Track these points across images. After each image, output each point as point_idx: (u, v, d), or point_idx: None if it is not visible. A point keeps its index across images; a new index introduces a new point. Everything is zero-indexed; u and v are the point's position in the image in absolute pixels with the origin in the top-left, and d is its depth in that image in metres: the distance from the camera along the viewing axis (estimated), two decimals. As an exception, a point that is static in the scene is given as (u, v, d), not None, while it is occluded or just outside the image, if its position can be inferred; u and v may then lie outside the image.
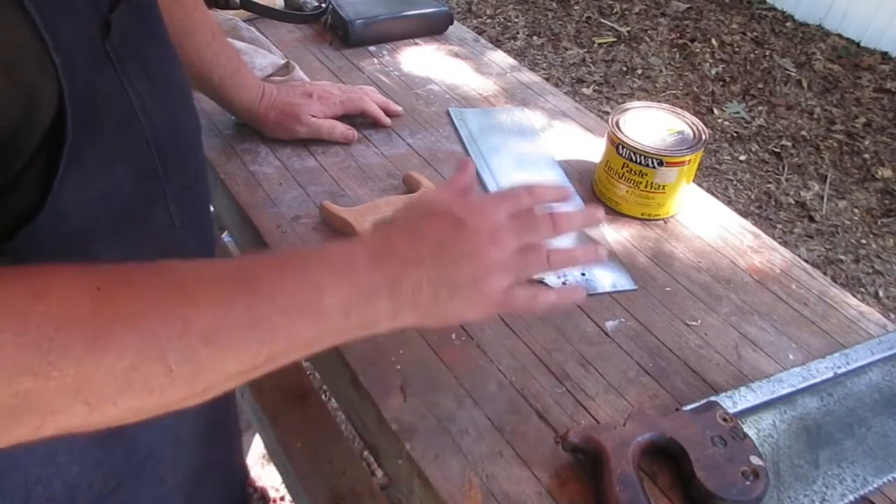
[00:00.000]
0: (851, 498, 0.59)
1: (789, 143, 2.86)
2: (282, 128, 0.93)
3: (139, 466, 0.60)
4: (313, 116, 0.93)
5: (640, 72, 3.24)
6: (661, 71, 3.26)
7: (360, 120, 0.98)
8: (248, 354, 0.43)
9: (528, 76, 1.18)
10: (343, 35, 1.17)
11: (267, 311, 0.43)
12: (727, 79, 3.22)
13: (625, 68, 3.26)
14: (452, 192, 0.55)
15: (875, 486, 0.60)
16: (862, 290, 2.26)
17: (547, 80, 2.01)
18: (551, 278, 0.78)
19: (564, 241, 0.84)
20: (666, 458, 0.60)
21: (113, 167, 0.46)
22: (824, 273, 1.32)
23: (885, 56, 3.39)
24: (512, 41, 3.43)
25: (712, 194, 1.00)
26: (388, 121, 0.99)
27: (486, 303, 0.52)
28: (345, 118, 0.97)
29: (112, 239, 0.47)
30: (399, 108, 1.02)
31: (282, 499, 1.58)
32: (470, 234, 0.51)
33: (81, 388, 0.37)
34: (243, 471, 0.93)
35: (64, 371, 0.36)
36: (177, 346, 0.40)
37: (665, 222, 0.89)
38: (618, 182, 0.87)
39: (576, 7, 3.73)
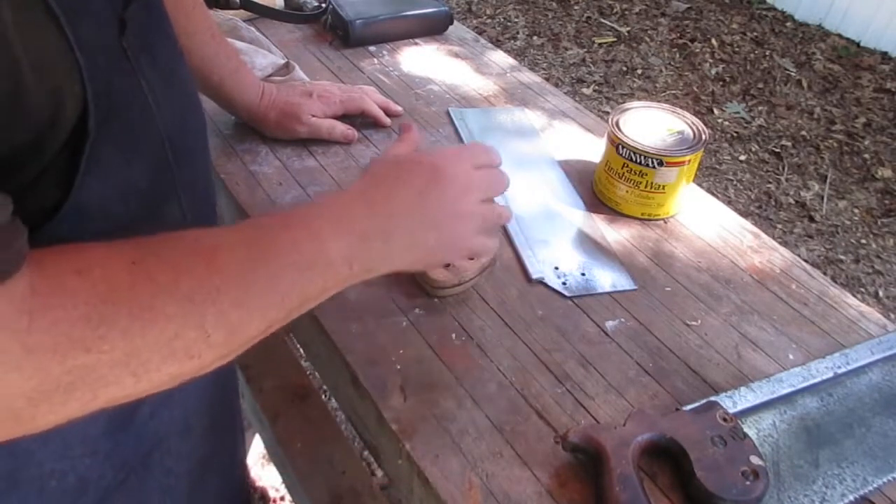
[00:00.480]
0: (851, 498, 0.59)
1: (789, 143, 2.86)
2: (282, 127, 0.93)
3: (147, 456, 0.61)
4: (313, 116, 0.93)
5: (640, 72, 3.24)
6: (661, 71, 3.26)
7: (360, 120, 0.98)
8: (272, 312, 0.46)
9: (528, 76, 1.18)
10: (343, 35, 1.17)
11: (282, 269, 0.47)
12: (727, 79, 3.22)
13: (625, 68, 3.26)
14: (411, 146, 0.64)
15: (875, 486, 0.60)
16: (862, 290, 2.26)
17: (547, 80, 2.01)
18: (551, 278, 0.78)
19: (565, 241, 0.84)
20: (666, 458, 0.60)
21: (131, 162, 0.47)
22: (824, 273, 1.32)
23: (885, 56, 3.39)
24: (512, 41, 3.43)
25: (712, 194, 1.00)
26: (388, 121, 0.99)
27: (464, 240, 0.59)
28: (345, 118, 0.97)
29: (129, 234, 0.48)
30: (399, 108, 1.02)
31: (282, 499, 1.58)
32: (446, 180, 0.57)
33: (130, 360, 0.39)
34: (244, 467, 0.94)
35: (114, 344, 0.38)
36: (212, 312, 0.42)
37: (665, 222, 0.89)
38: (618, 182, 0.87)
39: (576, 7, 3.73)
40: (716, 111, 3.02)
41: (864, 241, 2.44)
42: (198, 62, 0.84)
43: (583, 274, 0.80)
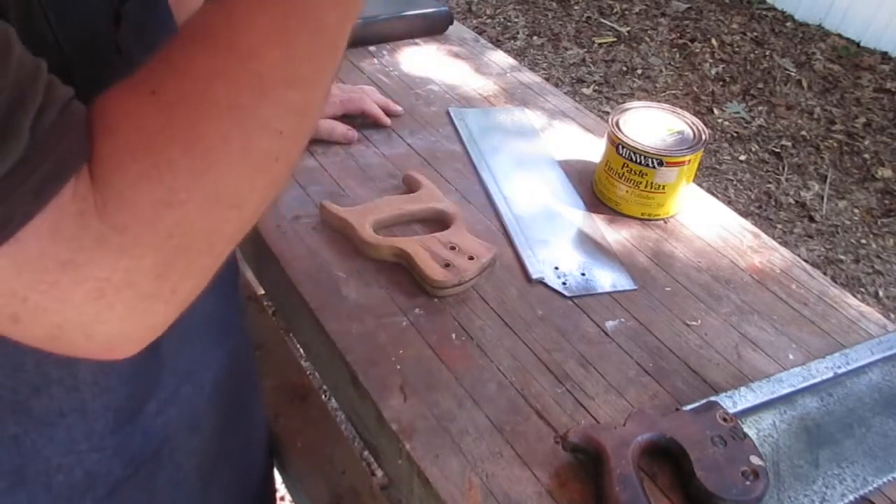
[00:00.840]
0: (851, 498, 0.59)
1: (789, 143, 2.86)
2: None
3: (156, 452, 0.61)
4: None
5: (640, 72, 3.24)
6: (661, 71, 3.26)
7: (360, 120, 0.98)
8: (329, 65, 0.41)
9: (528, 76, 1.18)
10: (343, 35, 1.17)
11: (319, 20, 0.39)
12: (727, 79, 3.22)
13: (625, 68, 3.26)
14: None
15: (875, 486, 0.60)
16: (862, 290, 2.26)
17: (547, 80, 2.00)
18: (551, 278, 0.78)
19: (565, 241, 0.84)
20: (666, 458, 0.60)
21: None
22: (824, 273, 1.32)
23: (885, 56, 3.39)
24: (512, 41, 3.43)
25: (712, 194, 1.00)
26: (388, 121, 0.99)
27: None
28: (345, 118, 0.97)
29: None
30: (399, 108, 1.02)
31: (282, 499, 1.58)
32: None
33: (218, 195, 0.36)
34: (264, 464, 0.93)
35: (189, 188, 0.35)
36: (267, 105, 0.37)
37: (665, 222, 0.89)
38: (618, 182, 0.88)
39: (576, 7, 3.73)
40: (716, 111, 3.02)
41: (864, 241, 2.44)
42: None
43: (583, 274, 0.80)
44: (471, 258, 0.75)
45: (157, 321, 0.37)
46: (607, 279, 0.79)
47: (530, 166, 0.96)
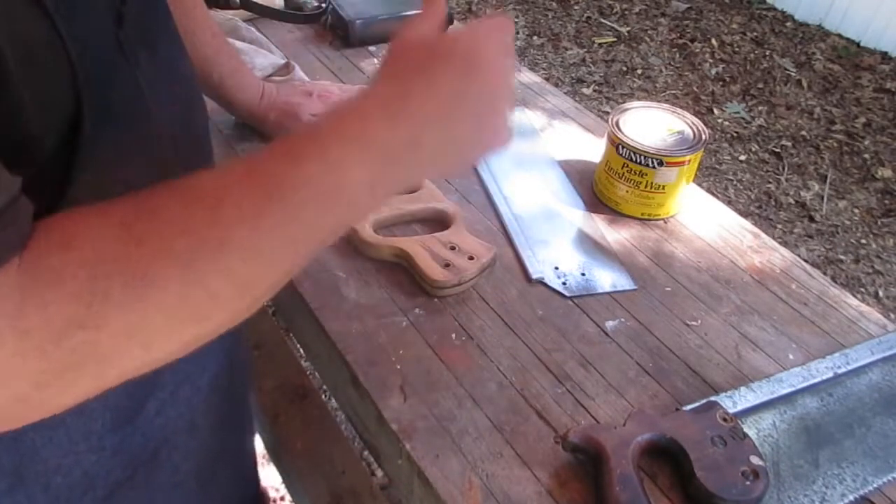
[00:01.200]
0: (851, 498, 0.59)
1: (789, 143, 2.86)
2: (282, 127, 0.93)
3: (155, 453, 0.61)
4: (313, 116, 0.93)
5: (640, 72, 3.24)
6: (661, 71, 3.26)
7: None
8: (286, 259, 0.42)
9: (528, 76, 1.18)
10: (343, 35, 1.17)
11: (295, 210, 0.41)
12: (727, 79, 3.22)
13: (625, 68, 3.26)
14: (434, 23, 0.53)
15: (875, 486, 0.60)
16: (862, 290, 2.26)
17: (547, 80, 2.00)
18: (551, 278, 0.78)
19: (565, 241, 0.84)
20: (666, 458, 0.60)
21: (128, 160, 0.46)
22: (824, 273, 1.32)
23: (885, 56, 3.39)
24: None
25: (712, 194, 1.00)
26: None
27: (490, 146, 0.51)
28: None
29: None
30: None
31: (282, 499, 1.58)
32: (486, 70, 0.48)
33: (132, 332, 0.37)
34: (254, 459, 0.93)
35: (110, 319, 0.35)
36: (216, 270, 0.38)
37: (665, 222, 0.89)
38: (618, 182, 0.87)
39: (576, 7, 3.73)
40: (716, 111, 3.02)
41: (864, 241, 2.44)
42: (198, 62, 0.84)
43: (583, 274, 0.80)
44: (471, 258, 0.75)
45: (16, 420, 0.38)
46: (607, 279, 0.79)
47: (530, 166, 0.96)
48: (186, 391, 0.62)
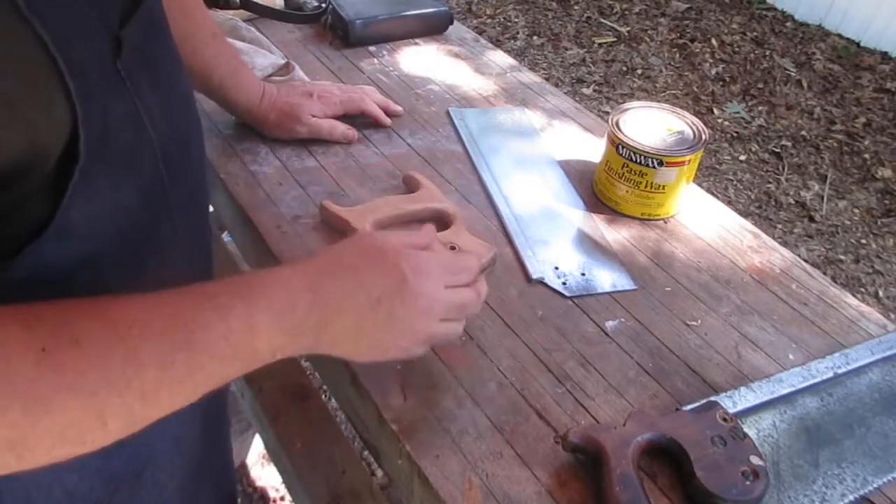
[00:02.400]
0: (851, 498, 0.59)
1: (789, 143, 2.86)
2: (282, 128, 0.93)
3: (139, 473, 0.60)
4: (313, 116, 0.93)
5: (640, 72, 3.24)
6: (661, 71, 3.26)
7: (360, 120, 0.98)
8: (181, 401, 0.45)
9: (528, 76, 1.18)
10: (343, 35, 1.17)
11: (204, 360, 0.45)
12: (727, 79, 3.22)
13: (625, 68, 3.26)
14: (408, 244, 0.58)
15: (875, 486, 0.60)
16: (862, 290, 2.26)
17: (547, 80, 2.01)
18: (551, 278, 0.78)
19: (565, 241, 0.84)
20: (666, 458, 0.60)
21: (122, 184, 0.46)
22: (824, 273, 1.32)
23: (885, 56, 3.39)
24: (512, 41, 3.43)
25: (712, 194, 1.00)
26: (388, 121, 0.99)
27: (402, 352, 0.57)
28: (345, 118, 0.97)
29: (118, 251, 0.47)
30: (399, 108, 1.02)
31: (282, 499, 1.58)
32: (409, 297, 0.54)
33: (14, 445, 0.38)
34: (232, 466, 0.93)
35: None
36: (115, 404, 0.41)
37: (665, 222, 0.89)
38: (618, 182, 0.87)
39: (576, 7, 3.73)
40: (716, 111, 3.02)
41: (864, 241, 2.44)
42: (198, 63, 0.84)
43: (583, 274, 0.80)
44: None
45: None
46: (607, 279, 0.79)
47: (530, 166, 0.96)
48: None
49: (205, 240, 0.68)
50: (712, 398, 0.64)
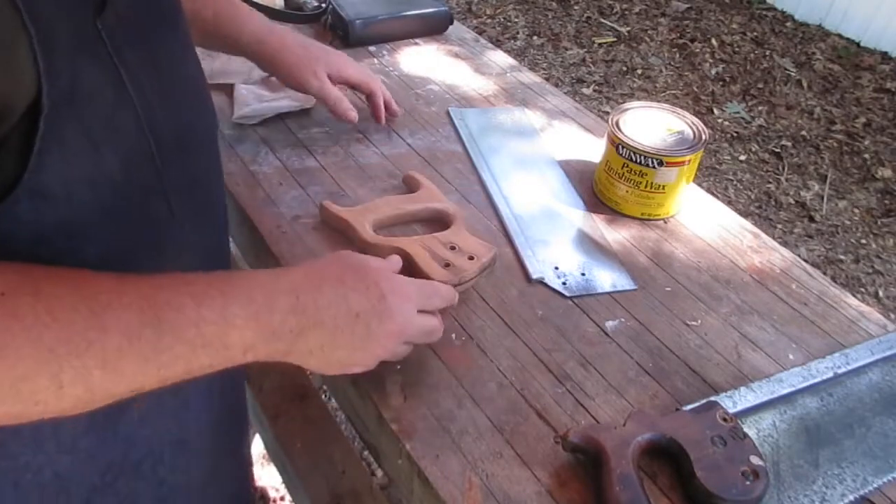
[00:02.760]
0: (851, 498, 0.59)
1: (789, 143, 2.86)
2: (294, 74, 0.87)
3: (137, 463, 0.60)
4: (329, 75, 0.88)
5: (640, 72, 3.24)
6: (661, 71, 3.26)
7: (361, 114, 0.98)
8: (142, 379, 0.44)
9: (528, 76, 1.18)
10: (343, 35, 1.18)
11: (172, 342, 0.44)
12: (727, 79, 3.22)
13: (625, 68, 3.26)
14: (386, 267, 0.60)
15: (875, 486, 0.60)
16: (862, 290, 2.26)
17: (547, 80, 2.01)
18: (551, 278, 0.78)
19: (565, 241, 0.84)
20: (666, 458, 0.60)
21: (100, 149, 0.45)
22: (824, 273, 1.32)
23: (885, 56, 3.39)
24: (512, 41, 3.43)
25: (712, 194, 1.00)
26: (382, 119, 0.97)
27: (361, 368, 0.58)
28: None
29: (101, 224, 0.47)
30: (399, 109, 1.01)
31: (282, 499, 1.58)
32: (386, 316, 0.56)
33: None
34: (251, 477, 0.92)
35: None
36: (73, 365, 0.40)
37: (665, 222, 0.89)
38: (618, 182, 0.87)
39: (576, 7, 3.73)
40: (716, 111, 3.02)
41: (864, 241, 2.44)
42: (188, 4, 0.80)
43: (583, 274, 0.80)
44: (471, 258, 0.75)
45: None
46: (607, 279, 0.79)
47: (530, 166, 0.96)
48: (171, 402, 0.61)
49: (217, 238, 0.66)
50: (712, 398, 0.64)
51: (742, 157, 2.78)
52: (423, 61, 1.18)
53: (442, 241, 0.77)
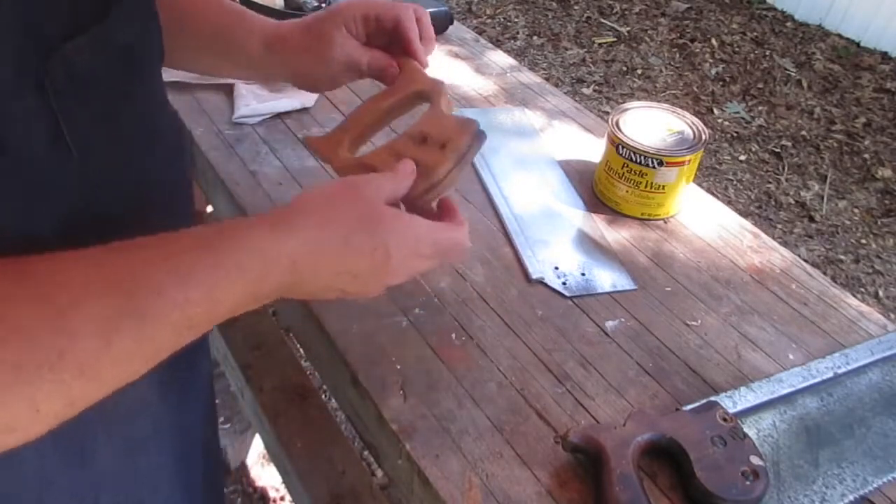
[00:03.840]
0: (851, 498, 0.59)
1: (789, 143, 2.86)
2: (312, 54, 0.72)
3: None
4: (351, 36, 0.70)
5: (640, 72, 3.24)
6: (661, 71, 3.26)
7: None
8: (126, 377, 0.39)
9: (528, 76, 1.18)
10: (343, 35, 1.17)
11: (156, 331, 0.39)
12: (727, 79, 3.22)
13: (625, 68, 3.26)
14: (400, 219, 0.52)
15: (875, 486, 0.60)
16: (862, 290, 2.26)
17: (547, 80, 2.01)
18: (551, 278, 0.78)
19: (565, 241, 0.84)
20: (666, 458, 0.60)
21: (31, 206, 0.41)
22: (824, 273, 1.32)
23: (885, 56, 3.39)
24: (512, 41, 3.43)
25: (712, 194, 1.00)
26: (424, 58, 0.70)
27: (366, 295, 0.53)
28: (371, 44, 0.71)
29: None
30: (432, 38, 0.72)
31: (282, 499, 1.58)
32: (385, 275, 0.51)
33: None
34: (222, 466, 0.89)
35: None
36: (47, 382, 0.34)
37: (665, 222, 0.89)
38: (618, 182, 0.87)
39: (576, 7, 3.73)
40: (716, 111, 3.02)
41: (864, 241, 2.44)
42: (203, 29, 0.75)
43: (583, 274, 0.80)
44: (443, 146, 0.61)
45: None
46: (607, 279, 0.79)
47: (530, 166, 0.96)
48: (153, 445, 0.59)
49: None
50: (712, 398, 0.64)
51: (742, 157, 2.78)
52: (423, 61, 1.17)
53: (413, 135, 0.63)
